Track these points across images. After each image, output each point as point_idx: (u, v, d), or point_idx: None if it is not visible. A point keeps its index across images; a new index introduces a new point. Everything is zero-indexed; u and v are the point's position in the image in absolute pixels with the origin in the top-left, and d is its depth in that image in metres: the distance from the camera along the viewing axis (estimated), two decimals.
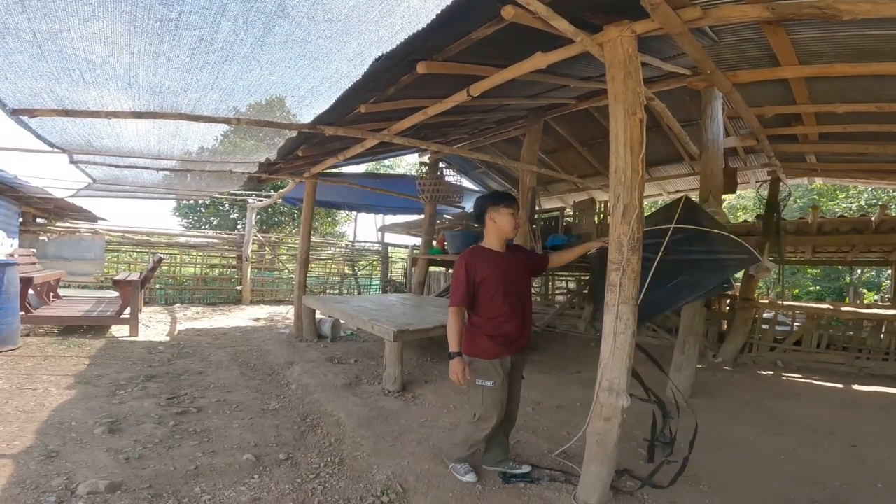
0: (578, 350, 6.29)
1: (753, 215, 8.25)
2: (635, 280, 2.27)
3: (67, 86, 2.55)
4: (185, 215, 14.88)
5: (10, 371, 4.27)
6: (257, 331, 7.19)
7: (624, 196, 2.26)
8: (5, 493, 2.32)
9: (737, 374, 5.29)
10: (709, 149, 4.20)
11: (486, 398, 2.52)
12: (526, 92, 4.40)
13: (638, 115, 2.24)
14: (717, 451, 3.22)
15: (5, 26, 1.94)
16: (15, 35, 2.02)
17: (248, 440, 3.15)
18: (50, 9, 1.88)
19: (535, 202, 6.21)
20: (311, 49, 2.25)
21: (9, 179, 5.75)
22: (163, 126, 3.43)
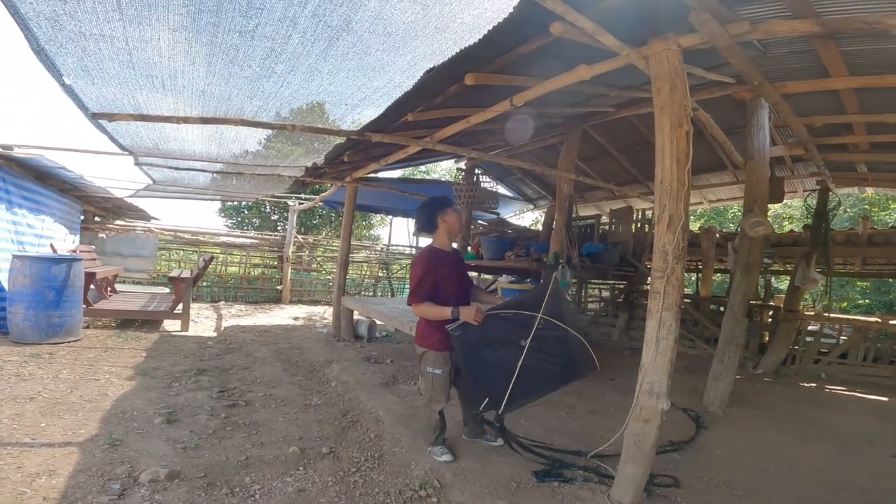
0: (612, 357, 6.23)
1: (800, 225, 7.97)
2: (679, 287, 2.31)
3: (148, 92, 2.77)
4: (229, 216, 15.52)
5: (74, 361, 4.59)
6: (297, 329, 7.46)
7: (670, 206, 2.30)
8: (72, 479, 2.44)
9: (778, 386, 5.17)
10: (754, 158, 4.14)
11: (436, 384, 2.87)
12: (566, 101, 4.45)
13: (684, 128, 2.28)
14: (754, 457, 3.22)
15: (102, 34, 2.12)
16: (109, 42, 2.21)
17: (293, 434, 3.30)
18: (145, 18, 2.06)
19: (572, 210, 6.21)
20: (369, 61, 2.40)
21: (74, 179, 6.19)
22: (224, 131, 3.66)
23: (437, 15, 2.00)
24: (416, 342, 2.99)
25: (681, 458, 3.11)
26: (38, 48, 2.10)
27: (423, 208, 2.95)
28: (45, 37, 2.06)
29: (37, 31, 2.00)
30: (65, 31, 2.02)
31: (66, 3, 1.82)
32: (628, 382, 4.55)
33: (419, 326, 2.97)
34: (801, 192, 7.13)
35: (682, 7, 2.18)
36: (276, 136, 4.71)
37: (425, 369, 2.91)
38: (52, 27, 1.98)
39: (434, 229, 2.92)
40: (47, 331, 5.04)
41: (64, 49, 2.19)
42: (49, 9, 1.87)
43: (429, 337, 2.88)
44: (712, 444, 3.41)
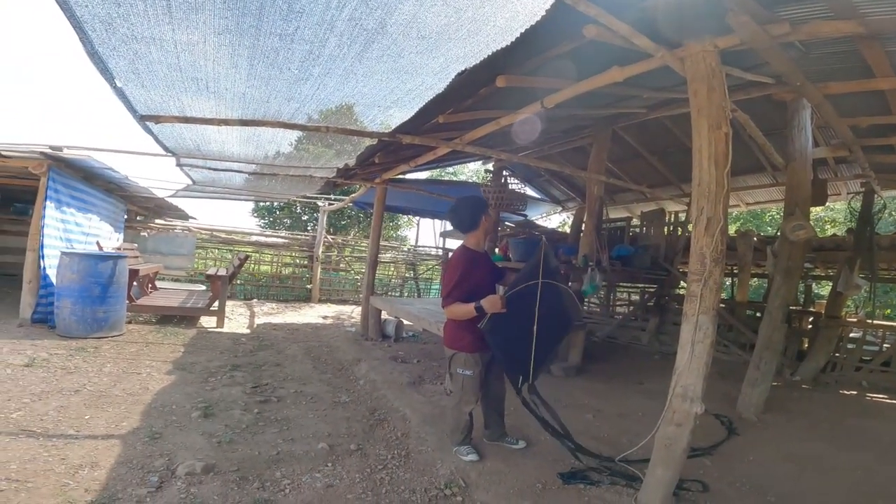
0: (641, 362, 6.13)
1: (843, 229, 7.64)
2: (717, 292, 2.28)
3: (192, 95, 2.89)
4: (262, 216, 15.96)
5: (117, 356, 4.78)
6: (326, 328, 7.61)
7: (708, 209, 2.26)
8: (113, 472, 2.52)
9: (816, 393, 4.98)
10: (796, 159, 4.01)
11: (466, 385, 2.86)
12: (597, 102, 4.40)
13: (723, 130, 2.23)
14: (789, 464, 3.13)
15: (153, 36, 2.22)
16: (159, 45, 2.30)
17: (323, 430, 3.36)
18: (192, 21, 2.13)
19: (602, 212, 6.13)
20: (402, 63, 2.44)
21: (120, 179, 6.50)
22: (262, 133, 3.78)
23: (470, 18, 2.02)
24: (445, 344, 2.99)
25: (711, 464, 3.05)
26: (93, 51, 2.21)
27: (468, 206, 2.89)
28: (99, 40, 2.16)
29: (91, 34, 2.10)
30: (118, 33, 2.12)
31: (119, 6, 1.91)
32: (657, 387, 4.49)
33: (448, 328, 2.97)
34: (845, 195, 6.83)
35: (721, 8, 2.13)
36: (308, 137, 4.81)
37: (455, 371, 2.91)
38: (106, 30, 2.08)
39: (475, 228, 2.87)
40: (92, 325, 5.25)
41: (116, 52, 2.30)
42: (104, 12, 1.96)
43: (460, 339, 2.87)
44: (745, 449, 3.32)
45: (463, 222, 2.89)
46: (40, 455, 2.59)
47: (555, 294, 2.87)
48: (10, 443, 2.69)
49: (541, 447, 3.16)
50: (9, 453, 2.57)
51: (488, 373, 3.01)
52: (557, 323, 2.96)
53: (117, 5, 1.92)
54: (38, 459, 2.54)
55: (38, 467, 2.47)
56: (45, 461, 2.53)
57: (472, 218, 2.87)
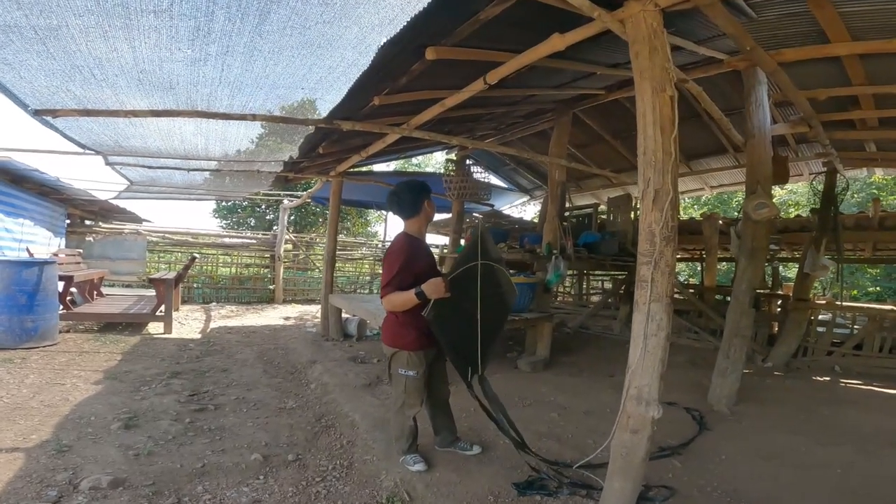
0: (613, 352, 5.97)
1: (807, 211, 7.68)
2: (669, 274, 2.04)
3: (81, 84, 2.56)
4: (224, 217, 15.39)
5: (44, 366, 4.43)
6: (286, 329, 7.27)
7: (655, 180, 2.03)
8: (10, 486, 2.34)
9: (789, 380, 4.87)
10: (755, 136, 3.87)
11: (409, 386, 2.62)
12: (551, 81, 4.18)
13: (668, 93, 2.02)
14: (764, 462, 2.93)
15: (6, 23, 1.93)
16: (18, 32, 2.02)
17: (260, 439, 3.11)
18: (45, 4, 1.85)
19: (564, 198, 5.95)
20: (312, 35, 2.16)
21: (51, 181, 6.04)
22: (183, 125, 3.44)
23: None
24: (384, 341, 2.71)
25: (681, 465, 2.83)
26: None
27: (409, 191, 2.64)
28: None
29: None
30: None
31: None
32: None
33: (388, 324, 2.69)
34: (807, 175, 6.83)
35: None
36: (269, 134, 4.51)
37: (397, 371, 2.64)
38: None
39: (417, 214, 2.64)
40: (21, 335, 4.91)
41: None
42: None
43: (402, 336, 2.61)
44: (717, 446, 3.12)
45: (403, 207, 2.64)
46: None
47: (493, 276, 2.67)
48: None
49: (498, 452, 2.92)
50: None
51: (431, 373, 2.74)
52: (499, 307, 2.77)
53: None
54: None
55: None
56: None
57: (413, 203, 2.62)
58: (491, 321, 2.67)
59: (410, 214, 2.65)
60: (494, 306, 2.70)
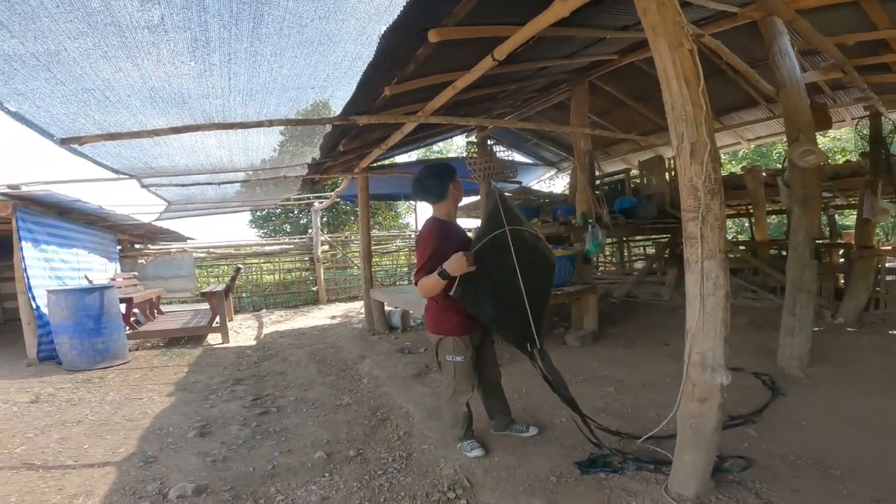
0: (664, 319, 5.77)
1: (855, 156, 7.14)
2: (720, 228, 1.93)
3: (97, 108, 2.64)
4: (260, 226, 15.84)
5: (121, 383, 4.73)
6: (333, 328, 7.46)
7: (689, 133, 1.92)
8: (107, 499, 2.51)
9: (864, 336, 4.49)
10: (786, 85, 3.62)
11: (459, 372, 2.60)
12: (561, 51, 4.02)
13: (685, 46, 1.89)
14: (847, 426, 2.72)
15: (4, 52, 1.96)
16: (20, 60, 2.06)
17: (322, 437, 3.21)
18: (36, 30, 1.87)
19: (593, 166, 5.76)
20: (310, 33, 2.14)
21: (95, 210, 6.36)
22: (204, 139, 3.52)
23: None
24: (428, 329, 2.70)
25: (757, 434, 2.69)
26: None
27: (434, 175, 2.59)
28: None
29: None
30: None
31: None
32: (684, 347, 4.15)
33: (430, 311, 2.67)
34: (850, 121, 6.34)
35: None
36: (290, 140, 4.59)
37: (445, 358, 2.63)
38: None
39: (444, 197, 2.58)
40: (94, 357, 5.24)
41: None
42: None
43: (444, 321, 2.59)
44: (795, 412, 2.94)
45: (430, 192, 2.59)
46: (38, 487, 2.64)
47: (526, 241, 2.54)
48: (11, 476, 2.77)
49: (555, 432, 2.89)
50: (9, 487, 2.64)
51: (480, 356, 2.72)
52: (541, 272, 2.61)
53: None
54: (36, 491, 2.59)
55: (35, 499, 2.52)
56: (43, 492, 2.58)
57: (439, 186, 2.56)
58: (536, 289, 2.52)
59: (437, 199, 2.61)
60: (536, 273, 2.54)
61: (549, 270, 2.71)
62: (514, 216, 2.55)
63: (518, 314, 2.48)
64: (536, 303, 2.52)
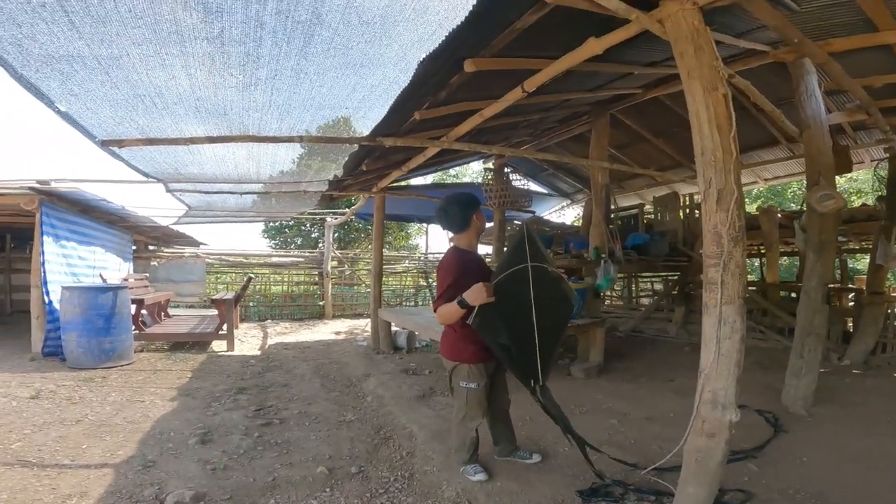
0: (670, 355, 5.76)
1: (872, 198, 7.15)
2: (740, 276, 1.98)
3: (143, 113, 2.75)
4: (272, 237, 16.08)
5: (123, 384, 4.74)
6: (338, 344, 7.46)
7: (717, 180, 1.99)
8: (102, 501, 2.49)
9: (869, 379, 4.54)
10: (810, 127, 3.67)
11: (471, 399, 2.62)
12: (586, 84, 4.14)
13: (720, 91, 1.97)
14: (850, 464, 2.75)
15: (70, 54, 2.07)
16: (81, 62, 2.17)
17: (324, 452, 3.20)
18: (104, 34, 1.98)
19: (609, 201, 5.84)
20: (354, 56, 2.25)
21: (118, 210, 6.52)
22: (236, 150, 3.64)
23: None
24: (444, 355, 2.73)
25: (758, 469, 2.71)
26: (17, 75, 2.09)
27: (457, 204, 2.64)
28: (18, 62, 2.03)
29: (8, 58, 1.98)
30: (33, 54, 1.99)
31: (20, 28, 1.78)
32: (690, 383, 4.09)
33: (447, 338, 2.71)
34: (869, 163, 6.39)
35: None
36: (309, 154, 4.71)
37: (458, 384, 2.65)
38: (19, 51, 1.95)
39: (467, 227, 2.64)
40: (100, 356, 5.27)
41: (41, 74, 2.17)
42: (8, 34, 1.83)
43: (461, 349, 2.62)
44: (796, 449, 2.96)
45: (453, 222, 2.66)
46: (32, 485, 2.60)
47: (547, 279, 2.58)
48: (3, 472, 2.73)
49: (558, 460, 2.89)
50: (1, 483, 2.60)
51: (492, 383, 2.75)
52: (557, 312, 2.65)
53: (18, 26, 1.78)
54: (28, 489, 2.55)
55: (27, 497, 2.48)
56: (36, 491, 2.55)
57: (463, 216, 2.62)
58: (550, 328, 2.57)
59: (460, 228, 2.66)
60: (553, 312, 2.59)
61: (567, 311, 2.76)
62: (538, 253, 2.59)
63: (528, 349, 2.51)
64: (548, 341, 2.56)
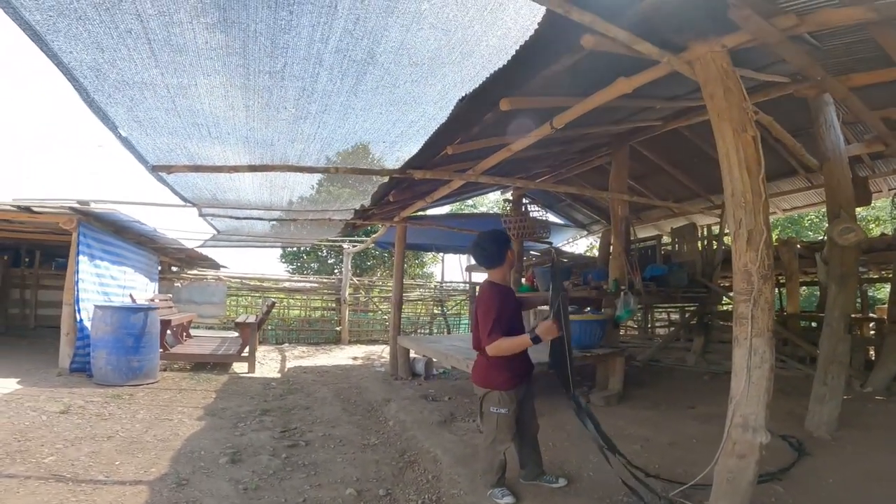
0: (689, 384, 5.73)
1: (891, 227, 7.19)
2: (769, 310, 2.11)
3: (197, 141, 2.93)
4: (289, 262, 16.33)
5: (151, 402, 4.84)
6: (356, 369, 7.52)
7: (747, 221, 2.11)
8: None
9: (892, 404, 4.51)
10: (830, 159, 3.76)
11: (501, 423, 2.71)
12: (608, 118, 4.31)
13: (749, 133, 2.10)
14: (873, 484, 2.77)
15: (143, 81, 2.25)
16: (152, 90, 2.34)
17: (351, 475, 3.24)
18: (179, 64, 2.16)
19: (629, 232, 5.93)
20: (399, 94, 2.43)
21: (149, 232, 6.76)
22: (274, 179, 3.83)
23: (460, 40, 2.00)
24: (475, 382, 2.83)
25: (784, 490, 2.72)
26: (89, 100, 2.28)
27: (494, 241, 2.80)
28: (93, 87, 2.20)
29: (84, 82, 2.15)
30: (109, 80, 2.16)
31: (103, 52, 1.95)
32: (711, 410, 4.16)
33: (480, 366, 2.82)
34: (887, 192, 6.44)
35: (720, 4, 2.05)
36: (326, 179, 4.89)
37: (489, 410, 2.74)
38: (97, 76, 2.12)
39: (501, 263, 2.79)
40: (127, 374, 5.38)
41: (112, 99, 2.35)
42: (90, 58, 1.99)
43: (494, 377, 2.73)
44: (822, 471, 2.97)
45: (489, 257, 2.80)
46: (68, 500, 2.63)
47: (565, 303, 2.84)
48: (39, 487, 2.76)
49: (583, 484, 2.91)
50: (38, 497, 2.63)
51: (522, 409, 2.83)
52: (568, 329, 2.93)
53: (101, 51, 1.95)
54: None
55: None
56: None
57: (499, 253, 2.78)
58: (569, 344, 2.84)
59: (495, 264, 2.79)
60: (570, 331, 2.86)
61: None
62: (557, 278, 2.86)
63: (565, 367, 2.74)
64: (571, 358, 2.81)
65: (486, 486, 2.80)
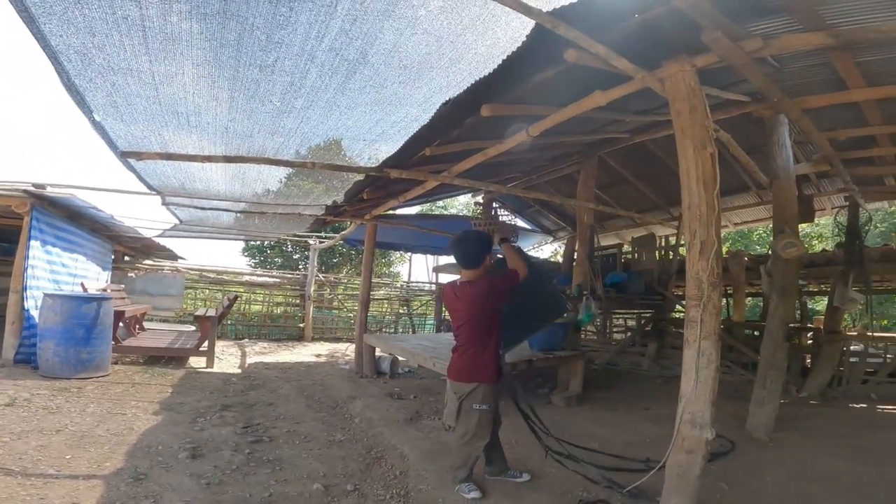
0: (644, 387, 6.03)
1: (831, 243, 7.80)
2: (717, 315, 2.28)
3: (174, 130, 2.86)
4: (252, 256, 15.90)
5: (102, 396, 4.63)
6: (320, 366, 7.43)
7: (700, 233, 2.28)
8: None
9: (826, 408, 4.91)
10: (780, 177, 4.07)
11: (483, 420, 2.79)
12: (581, 128, 4.48)
13: (708, 150, 2.27)
14: (811, 482, 3.04)
15: (129, 68, 2.20)
16: (137, 77, 2.28)
17: (317, 470, 3.23)
18: (170, 52, 2.13)
19: (593, 240, 6.16)
20: (386, 94, 2.47)
21: (105, 219, 6.44)
22: (247, 171, 3.76)
23: (451, 47, 2.06)
24: (458, 379, 2.85)
25: (728, 487, 2.94)
26: (69, 83, 2.20)
27: (478, 243, 2.86)
28: (75, 71, 2.13)
29: (67, 66, 2.08)
30: (94, 65, 2.10)
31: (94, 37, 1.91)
32: (664, 412, 4.38)
33: (466, 362, 2.83)
34: (830, 210, 6.96)
35: (694, 27, 2.21)
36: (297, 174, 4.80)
37: (470, 406, 2.78)
38: (82, 61, 2.06)
39: (479, 265, 2.83)
40: (76, 366, 5.12)
41: (93, 84, 2.28)
42: (79, 42, 1.94)
43: (483, 368, 2.79)
44: (761, 469, 3.23)
45: (471, 257, 2.83)
46: (18, 494, 2.54)
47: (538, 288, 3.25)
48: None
49: (546, 480, 3.03)
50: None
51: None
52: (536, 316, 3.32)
53: (92, 35, 1.91)
54: (15, 498, 2.50)
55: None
56: (24, 500, 2.49)
57: (481, 254, 2.84)
58: None
59: (473, 265, 2.84)
60: None
61: None
62: None
63: None
64: None
65: (454, 482, 2.88)
